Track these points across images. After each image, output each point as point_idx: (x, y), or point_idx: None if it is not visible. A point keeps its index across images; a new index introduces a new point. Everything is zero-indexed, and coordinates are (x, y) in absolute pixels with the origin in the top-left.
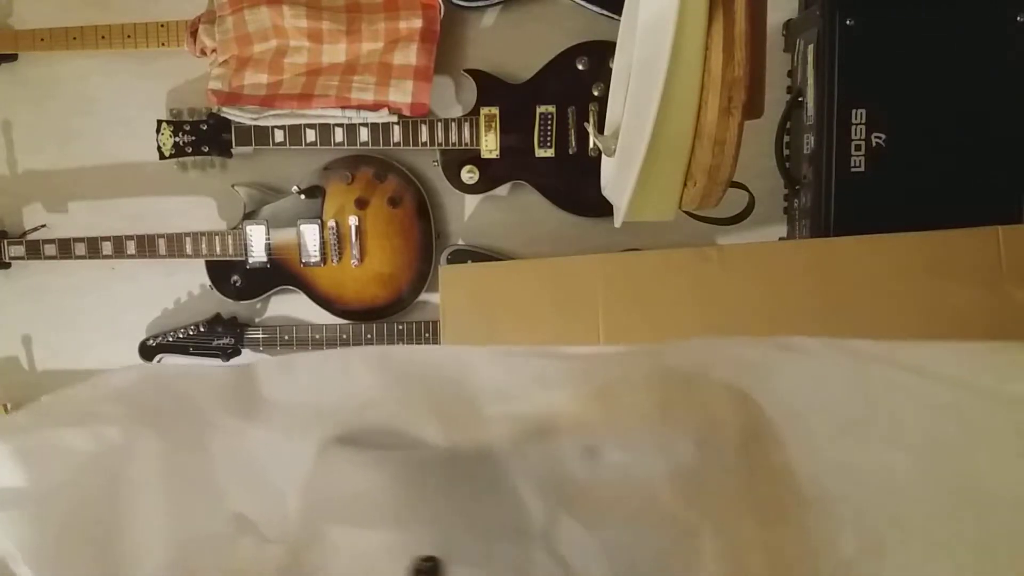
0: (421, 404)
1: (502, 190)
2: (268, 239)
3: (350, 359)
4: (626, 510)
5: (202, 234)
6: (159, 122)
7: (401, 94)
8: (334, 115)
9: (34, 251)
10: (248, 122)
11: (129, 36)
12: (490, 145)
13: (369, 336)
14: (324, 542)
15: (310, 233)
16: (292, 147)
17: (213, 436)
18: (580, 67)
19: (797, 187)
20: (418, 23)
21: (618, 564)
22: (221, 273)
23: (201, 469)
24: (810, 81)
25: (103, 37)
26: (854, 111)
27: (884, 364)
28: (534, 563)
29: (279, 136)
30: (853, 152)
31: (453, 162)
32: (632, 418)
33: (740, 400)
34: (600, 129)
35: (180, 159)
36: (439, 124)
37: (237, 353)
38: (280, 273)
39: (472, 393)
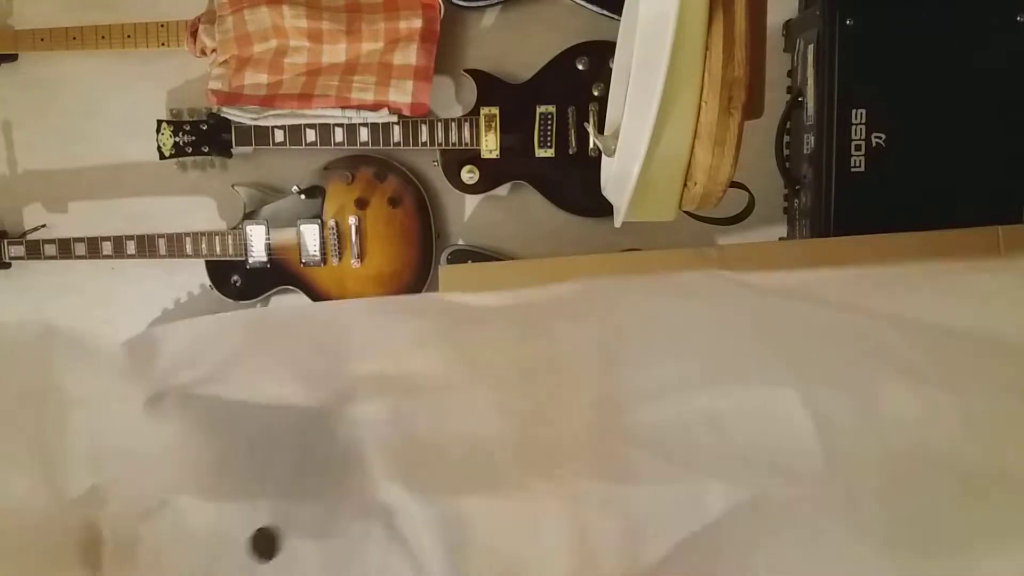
0: (286, 357)
1: (502, 190)
2: (268, 239)
3: (225, 320)
4: (470, 477)
5: (202, 234)
6: (159, 122)
7: (401, 94)
8: (334, 115)
9: (34, 251)
10: (248, 122)
11: (129, 36)
12: (490, 145)
13: None
14: (167, 513)
15: (310, 233)
16: (292, 147)
17: (73, 412)
18: (580, 67)
19: (797, 187)
20: (418, 23)
21: (453, 538)
22: (221, 273)
23: (61, 442)
24: (810, 81)
25: (103, 37)
26: (854, 111)
27: (778, 295)
28: (371, 538)
29: (279, 136)
30: (853, 152)
31: (453, 162)
32: (491, 379)
33: (598, 352)
34: (600, 129)
35: (180, 159)
36: (439, 124)
37: None
38: (280, 273)
39: (341, 349)
